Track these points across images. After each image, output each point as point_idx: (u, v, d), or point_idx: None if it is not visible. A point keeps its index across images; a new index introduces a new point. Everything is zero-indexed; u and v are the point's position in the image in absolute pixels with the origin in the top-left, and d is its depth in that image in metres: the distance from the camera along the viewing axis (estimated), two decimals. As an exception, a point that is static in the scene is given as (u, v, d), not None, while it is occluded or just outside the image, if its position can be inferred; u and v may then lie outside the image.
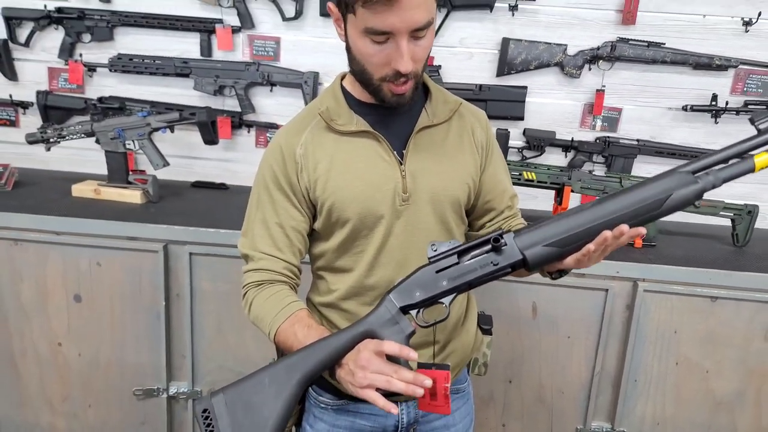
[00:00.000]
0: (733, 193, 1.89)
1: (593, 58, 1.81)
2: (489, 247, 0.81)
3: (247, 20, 1.86)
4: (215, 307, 1.52)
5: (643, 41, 1.79)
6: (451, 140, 0.96)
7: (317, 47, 1.88)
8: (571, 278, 1.47)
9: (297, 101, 1.92)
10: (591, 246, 0.78)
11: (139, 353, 1.55)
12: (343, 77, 0.98)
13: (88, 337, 1.55)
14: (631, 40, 1.79)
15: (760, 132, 0.82)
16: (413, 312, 0.82)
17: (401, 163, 0.92)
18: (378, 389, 0.76)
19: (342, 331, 0.82)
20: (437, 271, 0.82)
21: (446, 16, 1.79)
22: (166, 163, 1.73)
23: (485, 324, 1.13)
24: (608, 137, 1.87)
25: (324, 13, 1.82)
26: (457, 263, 0.81)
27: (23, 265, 1.51)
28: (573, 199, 1.74)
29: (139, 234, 1.50)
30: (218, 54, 1.91)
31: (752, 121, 0.85)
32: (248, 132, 1.96)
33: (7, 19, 1.88)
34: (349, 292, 0.95)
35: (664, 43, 1.79)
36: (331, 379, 0.85)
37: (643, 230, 0.78)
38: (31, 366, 1.57)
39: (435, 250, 0.82)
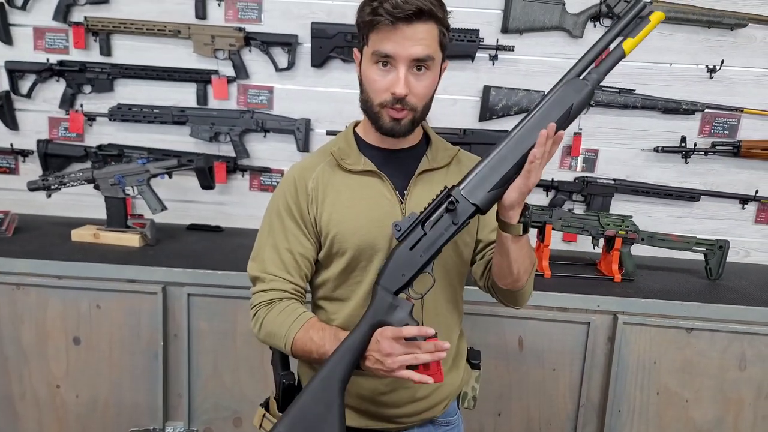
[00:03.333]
0: (705, 229, 2.06)
1: (569, 103, 1.98)
2: (444, 209, 0.93)
3: (242, 71, 2.01)
4: (212, 346, 1.61)
5: (615, 88, 1.97)
6: (449, 183, 1.05)
7: (308, 96, 2.03)
8: (554, 312, 1.61)
9: (290, 146, 2.06)
10: (535, 151, 0.89)
11: (137, 393, 1.62)
12: (356, 125, 1.12)
13: (86, 379, 1.62)
14: (604, 87, 1.96)
15: (618, 18, 0.94)
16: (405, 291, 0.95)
17: (402, 202, 1.04)
18: (408, 367, 0.89)
19: (354, 332, 0.93)
20: (410, 248, 0.93)
21: (430, 66, 1.96)
22: (164, 208, 1.84)
23: (474, 359, 1.22)
24: (586, 177, 2.02)
25: (315, 64, 1.98)
26: (425, 234, 0.93)
27: (24, 308, 1.59)
28: (555, 237, 1.88)
29: (138, 276, 1.60)
30: (214, 103, 2.05)
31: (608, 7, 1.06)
32: (242, 176, 2.09)
33: (10, 72, 2.01)
34: (348, 321, 1.04)
35: (635, 90, 1.97)
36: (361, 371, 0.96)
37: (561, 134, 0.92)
38: (29, 408, 1.64)
39: (399, 229, 0.93)
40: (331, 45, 1.95)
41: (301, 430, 0.89)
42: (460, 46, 1.92)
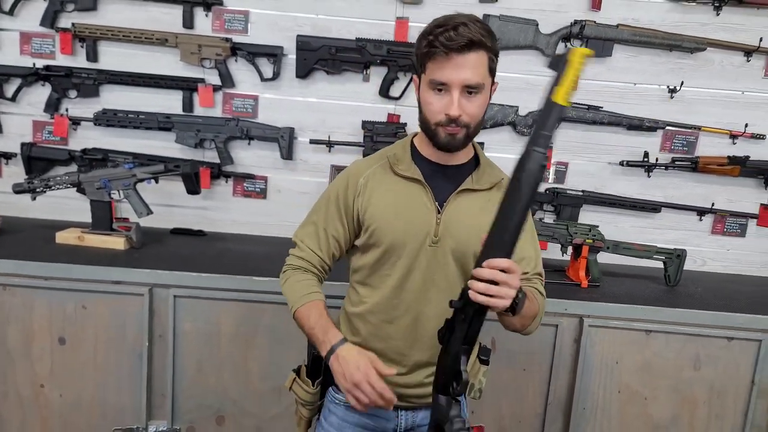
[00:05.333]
0: (666, 239, 2.21)
1: (541, 118, 2.12)
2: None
3: (228, 80, 2.10)
4: (196, 347, 1.68)
5: (584, 105, 2.11)
6: (486, 207, 1.12)
7: (292, 105, 2.13)
8: (524, 315, 1.71)
9: (273, 154, 2.15)
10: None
11: (121, 393, 1.68)
12: (414, 135, 1.23)
13: (71, 379, 1.67)
14: (574, 103, 2.11)
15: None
16: None
17: (439, 212, 1.15)
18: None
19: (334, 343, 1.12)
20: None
21: (411, 80, 2.08)
22: (150, 212, 1.91)
23: (484, 355, 1.28)
24: (557, 188, 2.16)
25: (300, 75, 2.08)
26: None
27: (10, 309, 1.64)
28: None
29: (125, 278, 1.66)
30: (199, 110, 2.13)
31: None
32: (226, 182, 2.17)
33: (-5, 75, 2.06)
34: (375, 308, 1.18)
35: (602, 107, 2.12)
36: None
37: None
38: (12, 408, 1.68)
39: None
40: (316, 57, 2.05)
41: None
42: (439, 61, 2.04)
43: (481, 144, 2.10)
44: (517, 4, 2.07)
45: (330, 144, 2.10)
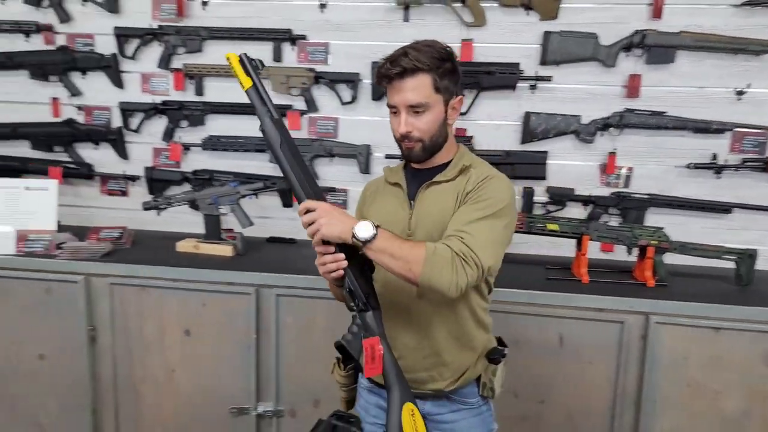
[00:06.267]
0: (740, 239, 2.27)
1: (604, 126, 2.27)
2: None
3: (312, 105, 2.42)
4: (296, 339, 1.99)
5: (647, 111, 2.25)
6: (449, 193, 1.34)
7: (369, 125, 2.42)
8: (591, 312, 1.89)
9: (353, 169, 2.45)
10: None
11: (234, 378, 2.02)
12: None
13: (195, 366, 2.04)
14: (636, 110, 2.25)
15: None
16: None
17: (411, 208, 1.38)
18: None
19: None
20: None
21: (476, 96, 2.31)
22: (251, 223, 2.26)
23: (492, 355, 1.43)
24: (621, 192, 2.30)
25: (375, 98, 2.37)
26: None
27: (147, 306, 2.03)
28: (592, 247, 2.16)
29: (235, 280, 2.00)
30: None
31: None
32: (313, 195, 2.49)
33: (123, 111, 2.50)
34: (379, 297, 1.34)
35: (666, 112, 2.24)
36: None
37: None
38: (149, 389, 2.07)
39: None
40: (390, 81, 2.33)
41: None
42: (502, 78, 2.25)
43: (545, 152, 2.31)
44: (577, 19, 2.25)
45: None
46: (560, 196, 2.33)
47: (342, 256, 1.23)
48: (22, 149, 2.60)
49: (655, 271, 2.05)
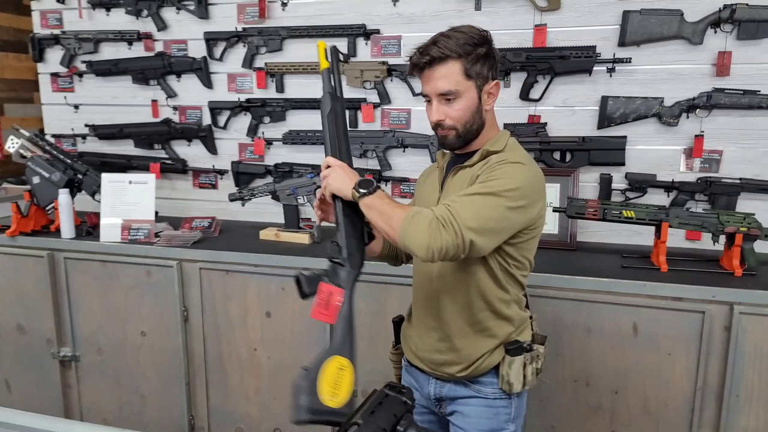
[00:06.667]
0: None
1: (690, 107, 2.18)
2: None
3: (385, 98, 2.52)
4: (368, 321, 2.10)
5: (739, 90, 2.13)
6: (467, 177, 1.36)
7: (442, 114, 2.47)
8: (668, 301, 1.85)
9: (425, 159, 2.52)
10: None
11: (311, 356, 2.16)
12: None
13: (275, 344, 2.21)
14: (726, 89, 2.14)
15: None
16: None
17: (441, 190, 1.44)
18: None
19: None
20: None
21: (550, 81, 2.30)
22: (328, 212, 2.40)
23: (510, 346, 1.40)
24: (709, 177, 2.20)
25: (447, 87, 2.42)
26: None
27: (231, 289, 2.22)
28: (677, 235, 2.09)
29: (312, 266, 2.14)
30: (362, 125, 2.59)
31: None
32: (386, 185, 2.59)
33: (212, 110, 2.74)
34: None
35: (759, 91, 2.11)
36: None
37: None
38: (234, 366, 2.27)
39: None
40: (461, 70, 2.37)
41: None
42: (577, 62, 2.23)
43: (624, 137, 2.25)
44: (658, -4, 2.18)
45: (476, 147, 2.41)
46: (640, 183, 2.26)
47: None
48: (127, 147, 2.92)
49: (744, 260, 1.95)
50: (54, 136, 3.01)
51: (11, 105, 4.61)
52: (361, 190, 1.25)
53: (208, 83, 2.75)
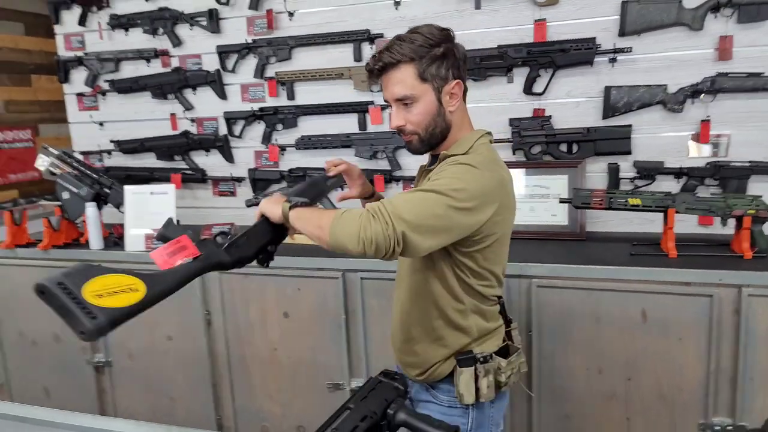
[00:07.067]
0: None
1: (694, 93, 2.21)
2: None
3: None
4: (380, 319, 2.19)
5: (742, 73, 2.15)
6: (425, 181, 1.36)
7: (448, 113, 2.55)
8: (676, 286, 1.88)
9: (435, 157, 2.59)
10: None
11: (329, 356, 2.27)
12: None
13: (294, 344, 2.32)
14: (730, 73, 2.16)
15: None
16: None
17: None
18: None
19: None
20: None
21: (552, 75, 2.36)
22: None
23: (459, 356, 1.40)
24: (718, 161, 2.22)
25: (452, 86, 2.50)
26: None
27: (250, 291, 2.35)
28: (685, 219, 2.12)
29: (325, 266, 2.25)
30: (371, 127, 2.68)
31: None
32: (397, 185, 2.68)
33: (227, 120, 2.88)
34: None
35: (764, 73, 2.13)
36: None
37: None
38: (257, 366, 2.39)
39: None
40: (464, 69, 2.45)
41: None
42: (578, 54, 2.28)
43: (629, 126, 2.29)
44: (657, -16, 2.22)
45: (482, 143, 2.48)
46: (648, 170, 2.30)
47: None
48: (149, 160, 3.08)
49: (755, 243, 1.98)
50: (82, 152, 3.19)
51: (45, 125, 4.88)
52: (293, 201, 1.30)
53: (222, 94, 2.89)
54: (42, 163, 2.77)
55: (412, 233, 1.17)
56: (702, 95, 2.21)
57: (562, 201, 2.21)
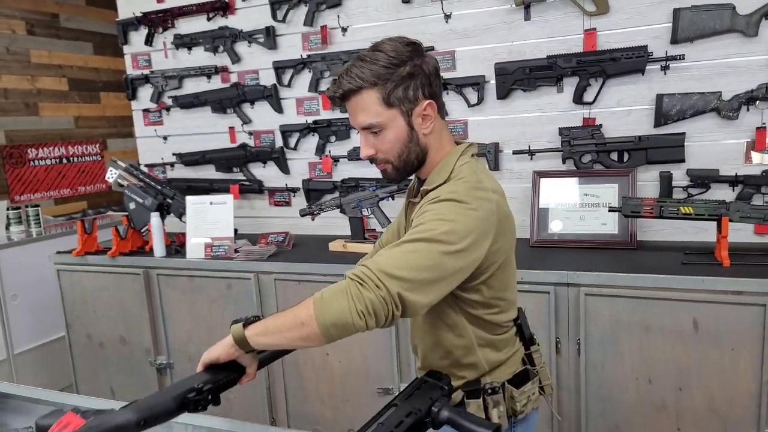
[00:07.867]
0: None
1: (749, 99, 2.25)
2: None
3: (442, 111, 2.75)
4: (430, 325, 2.32)
5: (802, 76, 2.18)
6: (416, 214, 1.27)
7: (496, 123, 2.68)
8: (728, 295, 1.93)
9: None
10: None
11: (379, 361, 2.42)
12: None
13: (346, 350, 2.48)
14: (787, 76, 2.20)
15: None
16: None
17: (406, 219, 1.42)
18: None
19: None
20: None
21: (603, 84, 2.44)
22: (390, 222, 2.66)
23: (467, 388, 1.35)
24: (776, 169, 2.25)
25: (500, 96, 2.62)
26: None
27: (304, 297, 2.49)
28: (741, 228, 2.15)
29: (376, 273, 2.40)
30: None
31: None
32: (447, 195, 2.82)
33: (283, 133, 3.10)
34: None
35: (826, 76, 2.16)
36: None
37: None
38: (309, 371, 2.57)
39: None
40: (512, 79, 2.57)
41: None
42: (629, 63, 2.36)
43: (682, 134, 2.35)
44: (709, -9, 2.28)
45: (531, 153, 2.58)
46: (702, 179, 2.34)
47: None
48: (209, 172, 3.35)
49: (814, 253, 1.99)
50: (147, 165, 3.50)
51: (113, 140, 5.33)
52: (246, 321, 1.19)
53: (278, 108, 3.11)
54: (111, 175, 3.07)
55: (409, 292, 1.07)
56: (757, 102, 2.24)
57: (611, 210, 2.28)
